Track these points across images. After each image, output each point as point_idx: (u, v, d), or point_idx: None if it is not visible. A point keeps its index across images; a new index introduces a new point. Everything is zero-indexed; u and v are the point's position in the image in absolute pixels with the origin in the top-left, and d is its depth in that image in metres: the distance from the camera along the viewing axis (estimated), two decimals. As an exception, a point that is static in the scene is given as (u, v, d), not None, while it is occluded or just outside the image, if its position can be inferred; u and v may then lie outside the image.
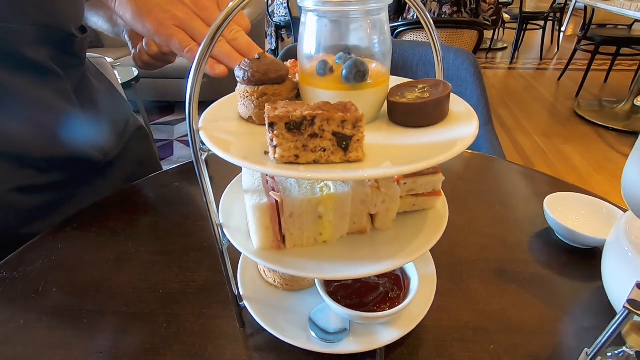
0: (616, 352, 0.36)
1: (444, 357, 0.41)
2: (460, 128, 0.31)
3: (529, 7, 4.21)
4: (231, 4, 0.27)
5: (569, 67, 3.62)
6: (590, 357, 0.36)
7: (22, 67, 0.55)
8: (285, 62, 0.40)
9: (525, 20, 4.22)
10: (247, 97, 0.33)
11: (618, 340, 0.33)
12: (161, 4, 0.41)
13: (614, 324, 0.33)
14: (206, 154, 0.32)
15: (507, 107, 3.28)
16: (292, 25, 4.16)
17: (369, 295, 0.38)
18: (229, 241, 0.36)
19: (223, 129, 0.33)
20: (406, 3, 2.19)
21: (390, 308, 0.37)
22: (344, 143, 0.26)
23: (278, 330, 0.40)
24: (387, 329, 0.39)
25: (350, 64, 0.30)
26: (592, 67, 3.25)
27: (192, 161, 0.32)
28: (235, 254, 0.39)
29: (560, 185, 0.68)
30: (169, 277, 0.52)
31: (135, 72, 2.43)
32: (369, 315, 0.36)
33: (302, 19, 0.32)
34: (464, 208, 0.64)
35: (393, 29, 2.18)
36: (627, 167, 0.37)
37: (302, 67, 0.34)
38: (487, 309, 0.46)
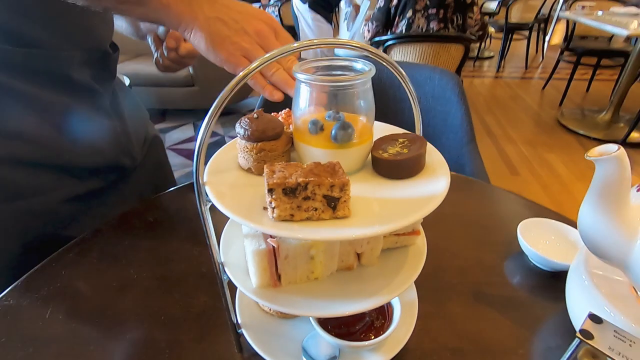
0: (573, 373, 0.40)
1: (424, 378, 0.45)
2: (434, 182, 0.35)
3: (514, 17, 4.33)
4: (267, 55, 0.30)
5: (553, 77, 3.75)
6: (552, 377, 0.41)
7: (69, 87, 0.63)
8: (278, 114, 0.44)
9: (510, 30, 4.34)
10: (246, 151, 0.37)
11: (575, 362, 0.38)
12: (230, 35, 0.45)
13: (569, 351, 0.38)
14: (210, 204, 0.36)
15: (494, 115, 3.37)
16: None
17: (356, 324, 0.43)
18: (229, 278, 0.40)
19: (225, 181, 0.36)
20: (395, 17, 2.26)
21: (376, 336, 0.42)
22: (333, 203, 0.31)
23: (273, 356, 0.43)
24: (374, 355, 0.43)
25: (338, 127, 0.35)
26: (575, 77, 3.37)
27: (188, 184, 0.36)
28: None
29: (535, 210, 0.74)
30: (170, 303, 0.55)
31: (127, 80, 2.44)
32: (356, 345, 0.40)
33: (296, 85, 0.36)
34: (446, 231, 0.69)
35: (382, 43, 2.24)
36: (582, 208, 0.42)
37: (295, 124, 0.38)
38: (464, 330, 0.51)
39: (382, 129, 0.44)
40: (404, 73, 0.37)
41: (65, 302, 0.56)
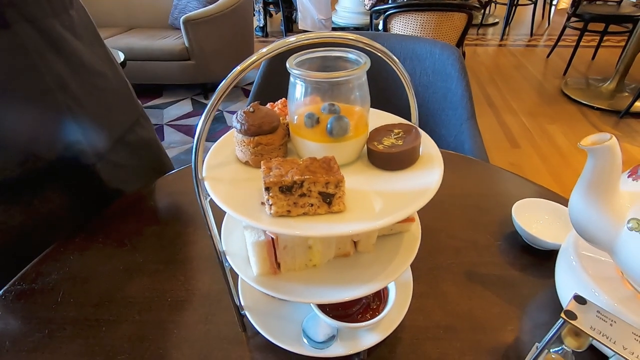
0: (557, 349, 0.43)
1: (418, 353, 0.48)
2: (428, 174, 0.36)
3: (521, -19, 4.15)
4: (265, 50, 0.30)
5: (558, 44, 3.64)
6: (538, 351, 0.43)
7: None
8: (275, 104, 0.44)
9: (516, -5, 4.18)
10: (244, 145, 0.38)
11: (560, 339, 0.40)
12: None
13: (554, 329, 0.40)
14: (209, 197, 0.37)
15: (496, 86, 3.31)
16: (280, 2, 4.05)
17: (353, 306, 0.45)
18: (231, 266, 0.42)
19: (224, 176, 0.37)
20: (395, -16, 2.16)
21: (372, 317, 0.44)
22: (328, 199, 0.31)
23: (275, 336, 0.46)
24: (370, 334, 0.46)
25: (333, 121, 0.35)
26: (581, 44, 3.27)
27: (187, 167, 0.37)
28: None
29: (532, 189, 0.75)
30: (176, 286, 0.58)
31: (122, 55, 2.39)
32: (353, 326, 0.42)
33: (291, 79, 0.36)
34: (442, 212, 0.70)
35: (382, 12, 2.16)
36: (572, 195, 0.43)
37: (291, 118, 0.38)
38: (457, 309, 0.53)
39: (378, 117, 0.44)
40: (397, 60, 0.37)
41: (75, 286, 0.58)
